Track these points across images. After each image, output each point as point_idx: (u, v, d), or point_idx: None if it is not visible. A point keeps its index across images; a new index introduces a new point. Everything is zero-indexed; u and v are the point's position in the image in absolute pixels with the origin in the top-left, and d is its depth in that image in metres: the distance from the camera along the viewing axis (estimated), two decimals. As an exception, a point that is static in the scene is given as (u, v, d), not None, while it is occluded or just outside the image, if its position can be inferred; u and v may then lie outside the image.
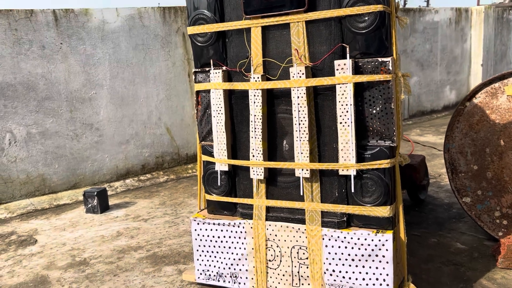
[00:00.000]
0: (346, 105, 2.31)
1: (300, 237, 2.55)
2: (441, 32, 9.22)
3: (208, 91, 2.72)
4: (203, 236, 2.81)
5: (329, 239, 2.45)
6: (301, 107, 2.42)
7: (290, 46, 2.45)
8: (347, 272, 2.43)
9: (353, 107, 2.30)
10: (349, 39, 2.32)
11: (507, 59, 10.77)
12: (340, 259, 2.44)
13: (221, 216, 2.82)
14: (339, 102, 2.32)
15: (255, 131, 2.56)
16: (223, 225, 2.73)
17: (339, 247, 2.43)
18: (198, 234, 2.82)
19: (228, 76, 2.65)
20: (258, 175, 2.61)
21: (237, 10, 2.54)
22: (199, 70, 2.74)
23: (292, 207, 2.58)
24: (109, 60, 5.45)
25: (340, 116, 2.33)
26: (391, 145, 2.34)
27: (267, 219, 2.64)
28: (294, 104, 2.44)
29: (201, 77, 2.74)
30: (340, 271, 2.45)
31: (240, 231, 2.70)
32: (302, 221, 2.55)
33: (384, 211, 2.35)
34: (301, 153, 2.46)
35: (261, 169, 2.59)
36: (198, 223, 2.81)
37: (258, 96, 2.52)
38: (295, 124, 2.45)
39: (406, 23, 2.51)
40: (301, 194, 2.53)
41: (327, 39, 2.37)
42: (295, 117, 2.44)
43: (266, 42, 2.51)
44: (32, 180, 5.07)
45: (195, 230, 2.83)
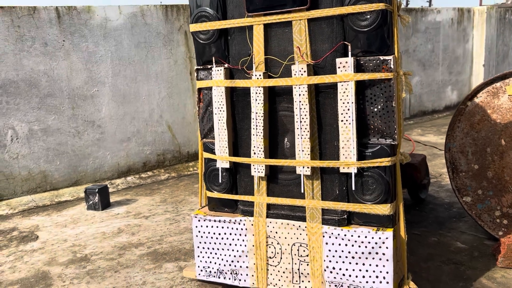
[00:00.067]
0: (348, 103, 2.32)
1: (300, 234, 2.56)
2: (443, 32, 9.21)
3: (210, 89, 2.73)
4: (204, 233, 2.82)
5: (330, 237, 2.46)
6: (302, 105, 2.43)
7: (292, 44, 2.46)
8: (347, 269, 2.44)
9: (355, 105, 2.31)
10: (351, 37, 2.33)
11: (509, 60, 10.75)
12: (340, 257, 2.45)
13: (222, 213, 2.83)
14: (341, 100, 2.33)
15: (257, 129, 2.57)
16: (224, 222, 2.74)
17: (340, 244, 2.44)
18: (199, 231, 2.83)
19: (230, 74, 2.66)
20: (259, 172, 2.61)
21: (239, 7, 2.54)
22: (201, 67, 2.74)
23: (292, 205, 2.58)
24: (111, 57, 5.46)
25: (342, 114, 2.34)
26: (392, 143, 2.34)
27: (267, 216, 2.65)
28: (295, 101, 2.44)
29: (203, 75, 2.74)
30: (340, 269, 2.46)
31: (241, 228, 2.71)
32: (303, 219, 2.56)
33: (384, 209, 2.36)
34: (302, 151, 2.46)
35: (262, 167, 2.60)
36: (199, 220, 2.82)
37: (259, 93, 2.53)
38: (296, 121, 2.45)
39: (408, 21, 2.51)
40: (302, 191, 2.54)
41: (329, 37, 2.37)
42: (296, 115, 2.45)
43: (268, 40, 2.52)
44: (33, 176, 5.09)
45: (196, 227, 2.84)
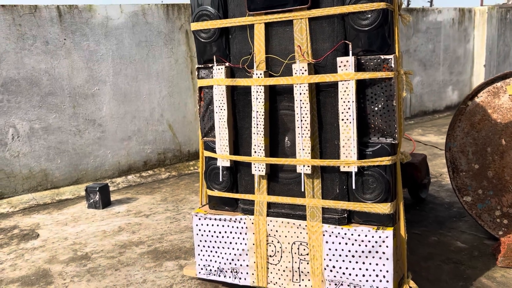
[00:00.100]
0: (348, 102, 2.32)
1: (301, 233, 2.57)
2: (444, 32, 9.21)
3: (211, 87, 2.73)
4: (205, 231, 2.83)
5: (330, 235, 2.46)
6: (303, 103, 2.43)
7: (293, 43, 2.46)
8: (347, 268, 2.45)
9: (355, 104, 2.31)
10: (351, 36, 2.33)
11: (510, 60, 10.75)
12: (340, 255, 2.45)
13: (223, 212, 2.83)
14: (341, 99, 2.33)
15: (257, 127, 2.57)
16: (225, 220, 2.75)
17: (340, 243, 2.44)
18: (200, 229, 2.84)
19: (231, 72, 2.66)
20: (259, 171, 2.62)
21: (240, 6, 2.55)
22: (202, 66, 2.75)
23: (293, 203, 2.59)
24: (112, 56, 5.46)
25: (342, 113, 2.34)
26: (393, 142, 2.35)
27: (268, 215, 2.65)
28: (296, 100, 2.45)
29: (204, 73, 2.75)
30: (340, 267, 2.46)
31: (241, 227, 2.71)
32: (303, 217, 2.56)
33: (384, 208, 2.36)
34: (303, 150, 2.47)
35: (262, 165, 2.60)
36: (199, 218, 2.83)
37: (260, 92, 2.54)
38: (297, 120, 2.46)
39: (409, 20, 2.52)
40: (302, 190, 2.55)
41: (330, 36, 2.38)
42: (297, 114, 2.45)
43: (269, 39, 2.52)
44: (34, 175, 5.10)
45: (197, 225, 2.84)
